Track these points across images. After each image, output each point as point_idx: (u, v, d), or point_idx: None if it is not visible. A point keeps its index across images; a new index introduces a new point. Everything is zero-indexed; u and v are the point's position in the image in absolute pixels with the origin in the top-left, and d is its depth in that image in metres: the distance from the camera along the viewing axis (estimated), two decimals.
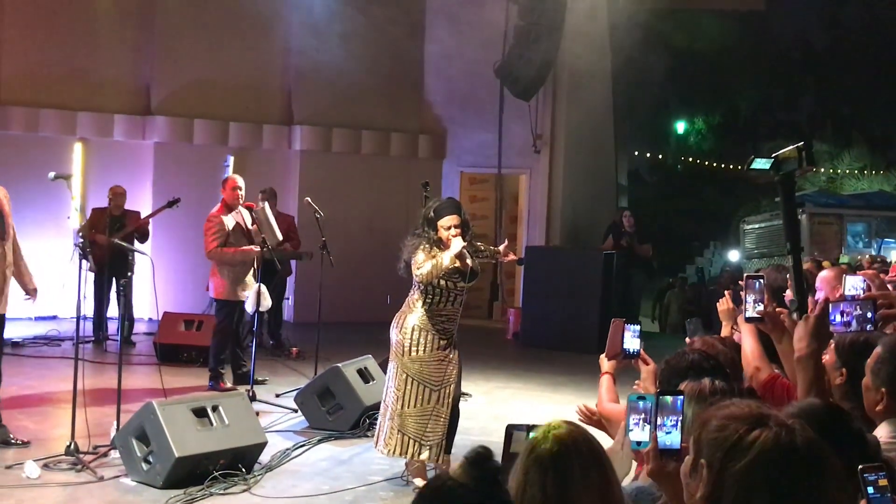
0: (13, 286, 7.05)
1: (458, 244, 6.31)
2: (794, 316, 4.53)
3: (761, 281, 3.64)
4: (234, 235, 9.04)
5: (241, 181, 9.32)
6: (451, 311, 6.46)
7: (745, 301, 3.61)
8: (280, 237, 9.73)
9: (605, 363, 4.07)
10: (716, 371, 3.29)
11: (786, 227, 3.55)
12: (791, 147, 3.33)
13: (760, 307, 3.61)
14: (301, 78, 14.65)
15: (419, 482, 6.32)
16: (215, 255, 9.04)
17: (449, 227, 6.36)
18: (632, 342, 3.93)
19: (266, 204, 9.69)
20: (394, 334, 6.48)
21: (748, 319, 3.69)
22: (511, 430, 2.72)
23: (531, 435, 2.55)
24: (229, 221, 9.04)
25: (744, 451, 1.96)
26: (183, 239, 13.14)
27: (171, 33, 13.91)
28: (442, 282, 6.37)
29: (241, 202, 9.24)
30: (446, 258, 6.27)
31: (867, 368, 3.13)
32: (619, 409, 3.84)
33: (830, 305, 3.18)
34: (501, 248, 6.94)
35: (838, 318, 3.21)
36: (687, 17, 21.83)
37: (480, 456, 1.97)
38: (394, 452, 6.36)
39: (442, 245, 6.36)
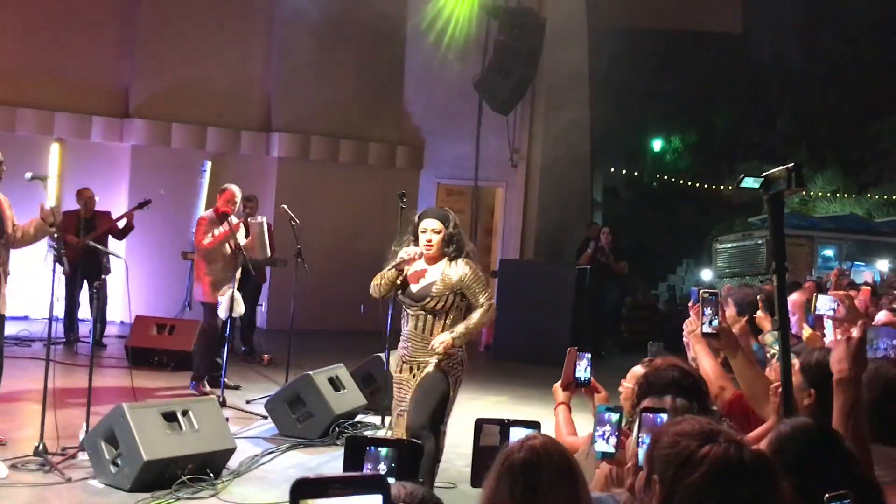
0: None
1: (405, 252, 5.65)
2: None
3: (717, 297, 3.73)
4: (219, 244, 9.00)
5: (238, 194, 9.24)
6: (408, 332, 5.80)
7: (702, 316, 3.70)
8: (269, 254, 9.75)
9: (560, 394, 4.06)
10: (695, 389, 3.36)
11: (772, 246, 3.60)
12: (781, 168, 3.36)
13: (716, 323, 3.70)
14: (281, 85, 14.67)
15: None
16: (209, 246, 8.95)
17: (424, 231, 5.67)
18: (583, 371, 3.97)
19: (265, 219, 9.65)
20: None
21: (704, 335, 3.78)
22: (481, 423, 2.74)
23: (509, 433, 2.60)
24: (216, 229, 9.01)
25: (694, 466, 2.02)
26: (157, 243, 13.14)
27: (152, 36, 13.88)
28: (399, 296, 5.83)
29: (236, 215, 9.18)
30: (388, 269, 5.69)
31: None
32: (577, 441, 3.88)
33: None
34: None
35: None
36: (665, 37, 22.01)
37: None
38: None
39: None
